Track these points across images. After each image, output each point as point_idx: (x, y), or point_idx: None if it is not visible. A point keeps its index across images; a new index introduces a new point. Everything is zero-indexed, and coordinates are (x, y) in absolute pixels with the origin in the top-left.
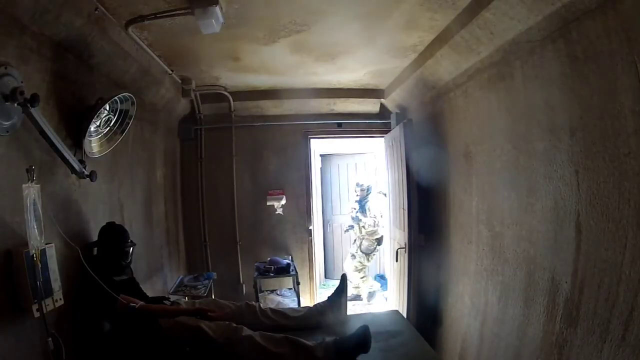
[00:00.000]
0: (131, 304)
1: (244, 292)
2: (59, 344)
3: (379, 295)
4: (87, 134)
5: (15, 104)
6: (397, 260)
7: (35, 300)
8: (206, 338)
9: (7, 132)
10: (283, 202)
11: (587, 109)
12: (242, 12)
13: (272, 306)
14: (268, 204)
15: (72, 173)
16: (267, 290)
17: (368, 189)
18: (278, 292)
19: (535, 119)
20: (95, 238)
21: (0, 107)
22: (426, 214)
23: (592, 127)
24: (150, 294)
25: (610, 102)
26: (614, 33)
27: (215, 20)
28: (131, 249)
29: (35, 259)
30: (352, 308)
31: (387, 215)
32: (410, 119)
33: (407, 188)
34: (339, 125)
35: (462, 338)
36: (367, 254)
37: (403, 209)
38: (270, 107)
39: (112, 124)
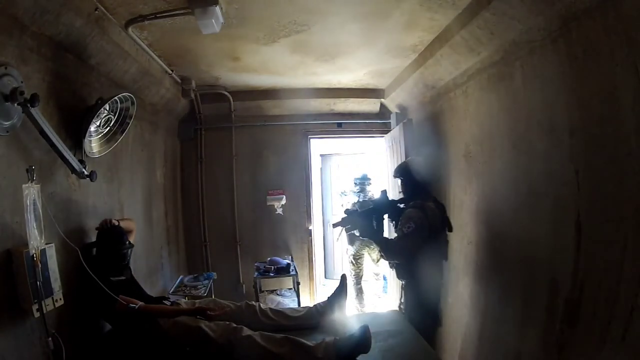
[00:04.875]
0: (131, 304)
1: (244, 292)
2: (59, 344)
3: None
4: (87, 134)
5: (15, 104)
6: None
7: (35, 300)
8: (206, 338)
9: (7, 132)
10: (283, 202)
11: (587, 109)
12: (242, 12)
13: (272, 306)
14: (268, 204)
15: (72, 173)
16: (267, 290)
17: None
18: (278, 292)
19: (535, 119)
20: (94, 238)
21: (0, 107)
22: None
23: (592, 127)
24: (150, 294)
25: (610, 102)
26: (614, 33)
27: (215, 20)
28: (129, 250)
29: (35, 259)
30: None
31: None
32: (410, 119)
33: None
34: (339, 125)
35: (462, 338)
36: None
37: None
38: (270, 107)
39: (112, 124)
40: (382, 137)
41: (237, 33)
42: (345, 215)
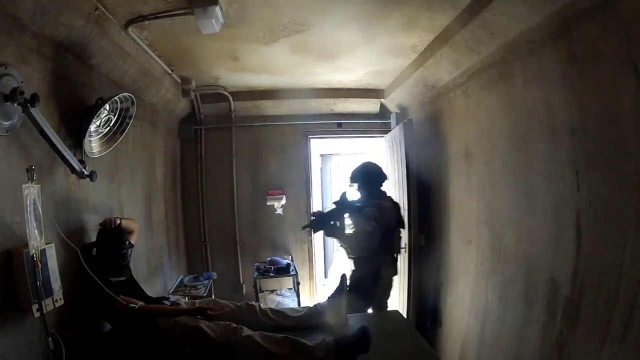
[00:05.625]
0: (130, 304)
1: (244, 292)
2: (59, 344)
3: None
4: (87, 134)
5: (15, 104)
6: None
7: (35, 300)
8: (206, 338)
9: (7, 132)
10: (283, 202)
11: (587, 109)
12: (242, 12)
13: (272, 306)
14: (268, 204)
15: (72, 173)
16: (267, 290)
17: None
18: (278, 292)
19: (535, 119)
20: (94, 238)
21: (0, 107)
22: (426, 214)
23: (592, 127)
24: (150, 294)
25: (610, 102)
26: (614, 33)
27: (215, 20)
28: (129, 250)
29: (35, 259)
30: None
31: None
32: (410, 119)
33: (407, 188)
34: (339, 125)
35: (462, 338)
36: None
37: (403, 209)
38: (270, 107)
39: (112, 124)
40: (382, 137)
41: (237, 33)
42: (313, 218)
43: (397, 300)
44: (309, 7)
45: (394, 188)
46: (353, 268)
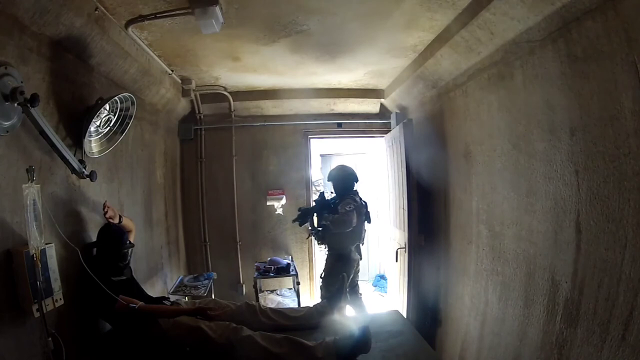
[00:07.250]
0: (131, 304)
1: (244, 292)
2: (59, 344)
3: None
4: (87, 134)
5: (15, 104)
6: (397, 261)
7: (35, 300)
8: (206, 338)
9: (7, 132)
10: (283, 202)
11: (587, 109)
12: (242, 12)
13: (272, 306)
14: (268, 204)
15: (72, 173)
16: (267, 290)
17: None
18: (278, 292)
19: (535, 119)
20: (94, 238)
21: (0, 107)
22: (426, 214)
23: (592, 127)
24: (150, 294)
25: (610, 102)
26: (614, 33)
27: (215, 20)
28: (129, 250)
29: (35, 259)
30: None
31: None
32: (410, 119)
33: (407, 188)
34: (339, 125)
35: (462, 338)
36: None
37: (403, 209)
38: (270, 107)
39: (112, 124)
40: (382, 137)
41: (237, 33)
42: (299, 212)
43: (397, 300)
44: (309, 7)
45: (394, 188)
46: (327, 254)
